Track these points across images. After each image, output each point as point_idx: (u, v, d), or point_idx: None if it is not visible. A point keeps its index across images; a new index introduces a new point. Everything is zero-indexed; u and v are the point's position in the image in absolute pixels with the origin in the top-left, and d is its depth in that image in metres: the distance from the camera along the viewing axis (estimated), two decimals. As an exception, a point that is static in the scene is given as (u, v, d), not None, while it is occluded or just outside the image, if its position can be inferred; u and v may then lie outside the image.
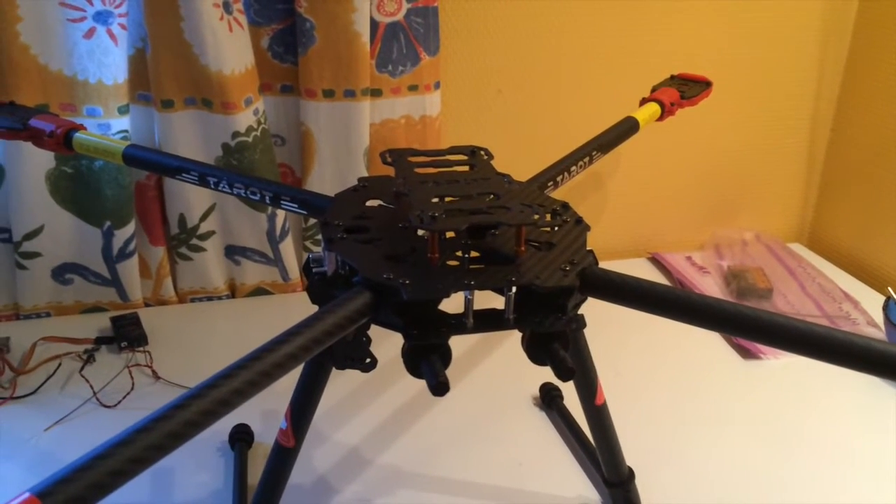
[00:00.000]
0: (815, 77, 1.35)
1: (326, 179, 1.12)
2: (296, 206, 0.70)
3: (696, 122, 1.27)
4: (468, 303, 0.54)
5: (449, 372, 0.53)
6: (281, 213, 1.13)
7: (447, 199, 0.60)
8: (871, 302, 1.16)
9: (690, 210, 1.40)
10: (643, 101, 0.98)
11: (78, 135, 0.80)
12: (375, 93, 1.10)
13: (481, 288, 0.54)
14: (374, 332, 0.63)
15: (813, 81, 1.35)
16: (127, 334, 1.02)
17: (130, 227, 1.07)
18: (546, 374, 0.94)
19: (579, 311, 0.62)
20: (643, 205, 1.38)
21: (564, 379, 0.55)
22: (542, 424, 0.91)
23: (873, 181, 1.32)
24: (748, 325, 0.51)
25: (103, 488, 0.37)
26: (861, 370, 0.48)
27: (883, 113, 1.28)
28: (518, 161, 0.82)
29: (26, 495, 0.35)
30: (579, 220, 0.64)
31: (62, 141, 0.80)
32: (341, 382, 0.95)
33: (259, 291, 1.20)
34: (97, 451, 0.38)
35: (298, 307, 0.50)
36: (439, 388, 0.51)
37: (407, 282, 0.53)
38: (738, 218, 1.42)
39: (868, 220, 1.34)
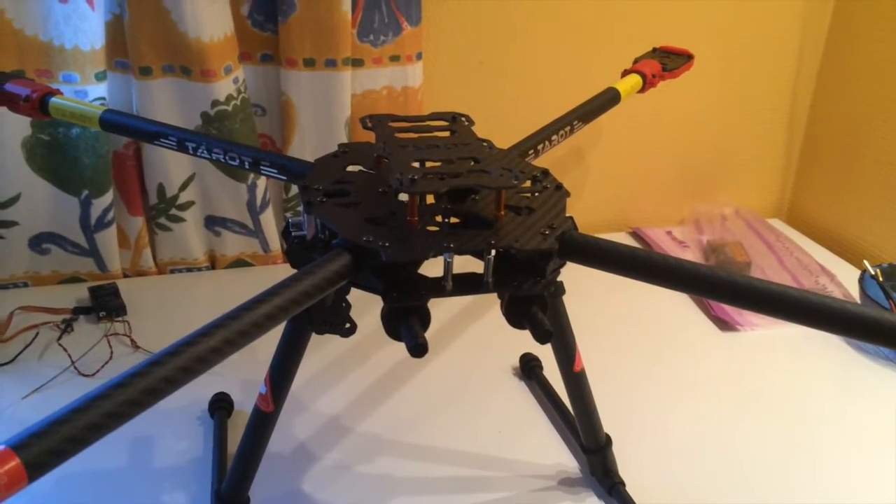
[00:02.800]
0: (795, 54, 1.36)
1: (307, 150, 1.11)
2: (275, 171, 0.69)
3: (677, 99, 1.28)
4: (447, 266, 0.54)
5: (429, 343, 0.53)
6: (261, 185, 1.13)
7: (427, 163, 0.60)
8: (848, 276, 1.17)
9: (671, 186, 1.41)
10: (625, 73, 0.98)
11: (54, 99, 0.79)
12: (357, 63, 1.09)
13: (460, 251, 0.54)
14: (355, 303, 0.63)
15: (793, 59, 1.36)
16: (105, 304, 1.02)
17: (108, 197, 1.05)
18: (526, 345, 0.95)
19: (559, 280, 0.63)
20: (624, 180, 1.38)
21: (542, 341, 0.55)
22: (521, 394, 0.92)
23: (851, 158, 1.33)
24: (724, 288, 0.51)
25: (80, 442, 0.37)
26: (835, 332, 0.49)
27: (861, 91, 1.29)
28: (500, 133, 0.82)
29: (1, 447, 0.35)
30: (559, 187, 0.64)
31: (38, 106, 0.79)
32: (321, 354, 0.96)
33: (239, 263, 1.19)
34: (74, 405, 0.38)
35: (278, 279, 0.49)
36: (418, 349, 0.51)
37: (386, 244, 0.53)
38: (718, 194, 1.43)
39: (846, 197, 1.35)
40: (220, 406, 0.85)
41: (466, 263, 0.56)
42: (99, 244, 1.08)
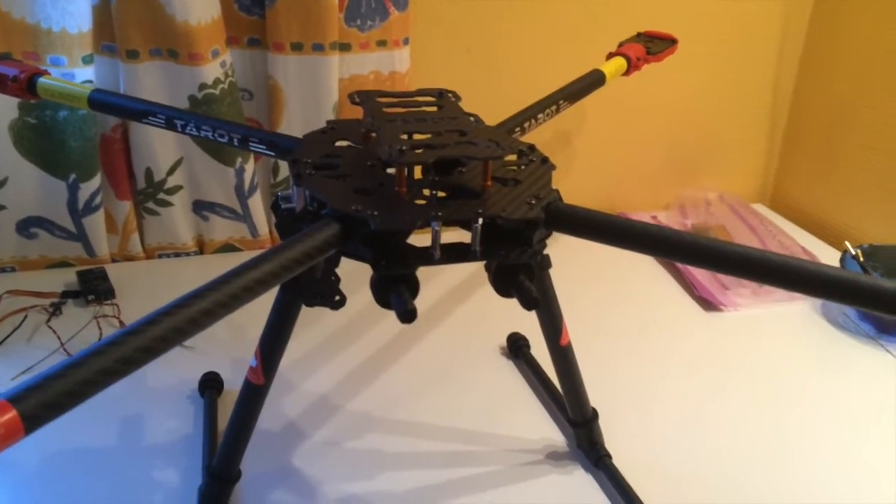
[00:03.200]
0: (778, 40, 1.37)
1: (295, 134, 1.11)
2: (264, 147, 0.70)
3: (661, 84, 1.29)
4: (435, 234, 0.55)
5: (417, 323, 0.54)
6: (249, 169, 1.13)
7: (415, 136, 0.60)
8: (829, 258, 1.19)
9: (656, 171, 1.42)
10: (610, 56, 0.99)
11: (42, 80, 0.79)
12: (344, 47, 1.10)
13: (448, 220, 0.55)
14: (344, 283, 0.64)
15: (776, 45, 1.38)
16: (94, 288, 1.02)
17: (96, 181, 1.05)
18: (513, 325, 0.96)
19: (545, 253, 0.64)
20: (609, 165, 1.39)
21: (529, 308, 0.56)
22: (509, 372, 0.93)
23: (833, 143, 1.35)
24: (707, 254, 0.53)
25: (75, 396, 0.37)
26: (814, 294, 0.51)
27: (843, 77, 1.31)
28: (487, 116, 0.83)
29: (-1, 400, 0.36)
30: (545, 160, 0.65)
31: (26, 86, 0.80)
32: (311, 333, 0.96)
33: (227, 248, 1.19)
34: (69, 360, 0.38)
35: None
36: (407, 314, 0.52)
37: (375, 213, 0.54)
38: (702, 179, 1.45)
39: (828, 181, 1.37)
40: (210, 385, 0.85)
41: (453, 235, 0.57)
42: (87, 228, 1.09)
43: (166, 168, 1.09)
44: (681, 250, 0.54)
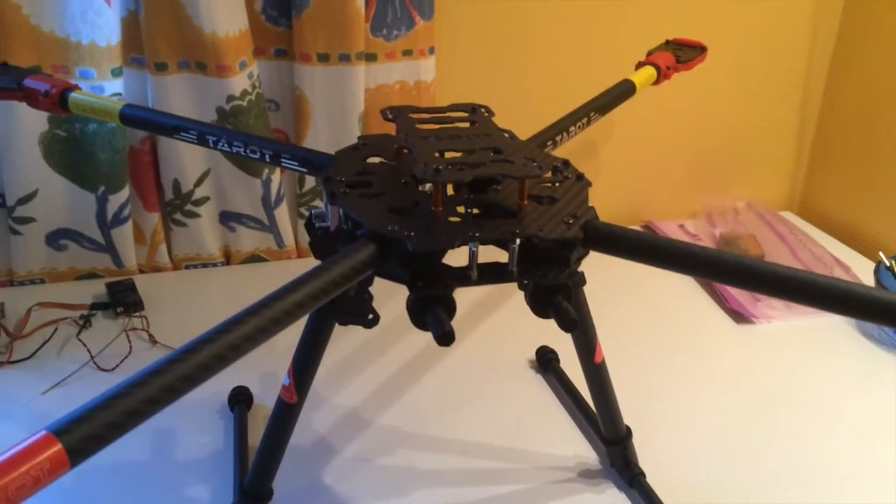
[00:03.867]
0: (807, 45, 1.35)
1: (321, 145, 1.11)
2: (296, 163, 0.69)
3: (688, 91, 1.27)
4: (472, 255, 0.54)
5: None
6: (276, 179, 1.13)
7: (449, 153, 0.60)
8: (862, 268, 1.17)
9: (683, 179, 1.41)
10: (639, 65, 0.98)
11: (74, 94, 0.79)
12: (370, 57, 1.09)
13: (485, 240, 0.55)
14: (374, 292, 0.63)
15: (805, 50, 1.36)
16: (123, 300, 1.02)
17: (125, 193, 1.06)
18: (542, 338, 0.95)
19: (579, 270, 0.63)
20: (636, 174, 1.38)
21: (568, 329, 0.55)
22: (539, 387, 0.92)
23: (864, 150, 1.32)
24: (751, 275, 0.51)
25: (119, 427, 0.37)
26: (863, 318, 0.49)
27: (874, 82, 1.29)
28: (514, 126, 0.82)
29: (43, 433, 0.35)
30: (580, 177, 0.64)
31: (58, 101, 0.80)
32: (340, 347, 0.96)
33: (254, 258, 1.20)
34: (112, 391, 0.38)
35: (293, 274, 0.49)
36: (445, 337, 0.52)
37: (412, 233, 0.53)
38: (730, 186, 1.43)
39: (858, 188, 1.35)
40: (240, 399, 0.85)
41: (488, 253, 0.56)
42: (115, 240, 1.09)
43: (194, 179, 1.10)
44: (721, 271, 0.53)
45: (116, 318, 1.00)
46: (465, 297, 1.08)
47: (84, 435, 0.36)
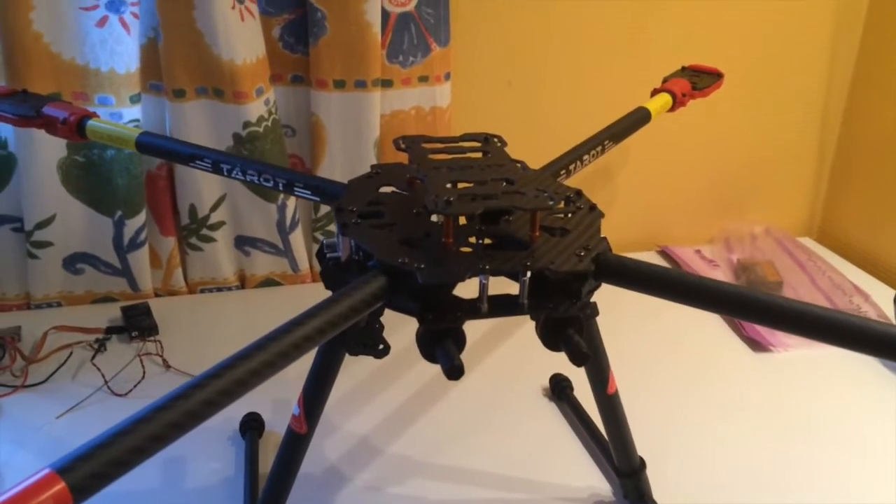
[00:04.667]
0: (827, 71, 1.35)
1: (337, 170, 1.12)
2: (309, 192, 0.70)
3: (706, 116, 1.27)
4: (483, 287, 0.54)
5: (461, 361, 0.52)
6: (291, 204, 1.13)
7: (461, 184, 0.60)
8: (882, 295, 1.15)
9: (700, 204, 1.40)
10: (654, 92, 0.97)
11: (91, 122, 0.80)
12: (386, 83, 1.10)
13: (496, 272, 0.54)
14: (385, 320, 0.63)
15: (824, 75, 1.35)
16: (138, 324, 1.02)
17: (141, 217, 1.07)
18: (555, 366, 0.94)
19: (591, 300, 0.62)
20: (653, 198, 1.37)
21: (579, 364, 0.55)
22: (552, 415, 0.91)
23: (883, 175, 1.31)
24: (766, 311, 0.51)
25: (123, 465, 0.37)
26: (880, 355, 0.48)
27: (894, 106, 1.27)
28: (529, 153, 0.81)
29: (46, 471, 0.35)
30: (593, 207, 0.64)
31: (75, 128, 0.80)
32: (350, 373, 0.96)
33: (268, 283, 1.20)
34: (116, 428, 0.38)
35: (308, 298, 0.49)
36: (454, 371, 0.51)
37: (422, 266, 0.53)
38: (747, 212, 1.42)
39: (878, 215, 1.33)
40: (251, 426, 0.85)
41: (499, 283, 0.56)
42: (131, 264, 1.10)
43: (210, 204, 1.10)
44: (735, 306, 0.52)
45: (131, 342, 1.01)
46: (478, 322, 1.07)
47: (88, 473, 0.36)
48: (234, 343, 0.45)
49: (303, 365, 0.63)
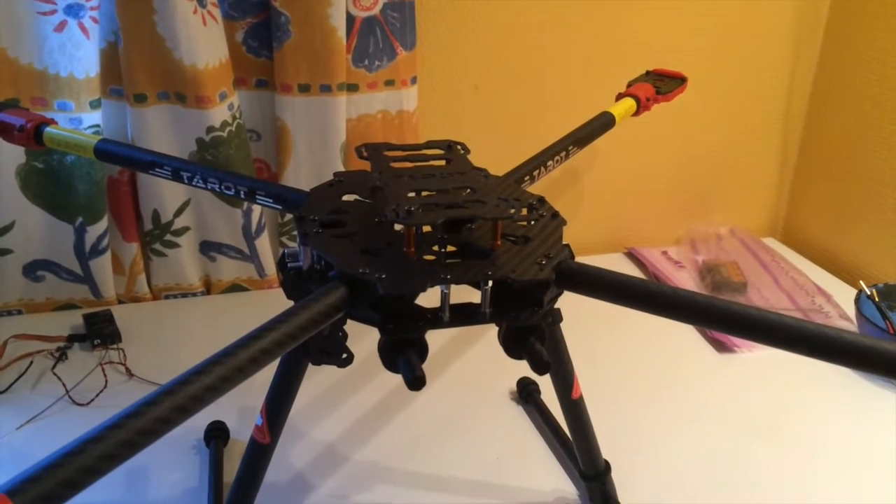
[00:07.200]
0: (788, 74, 1.37)
1: (302, 175, 1.11)
2: (271, 200, 0.69)
3: (671, 119, 1.28)
4: (444, 297, 0.54)
5: (426, 368, 0.52)
6: (257, 209, 1.13)
7: (423, 193, 0.60)
8: (844, 295, 1.17)
9: (666, 206, 1.41)
10: (619, 97, 0.98)
11: (49, 129, 0.79)
12: (352, 88, 1.09)
13: (457, 282, 0.54)
14: (351, 327, 0.63)
15: (786, 79, 1.37)
16: (100, 332, 1.01)
17: (103, 223, 1.05)
18: (524, 369, 0.94)
19: (556, 306, 0.62)
20: (619, 200, 1.38)
21: (540, 372, 0.55)
22: (519, 419, 0.91)
23: (845, 177, 1.33)
24: (721, 317, 0.51)
25: (74, 485, 0.36)
26: (832, 361, 0.49)
27: (854, 110, 1.30)
28: (495, 157, 0.82)
29: (-5, 494, 0.34)
30: (555, 215, 0.64)
31: (32, 136, 0.79)
32: (317, 379, 0.95)
33: (235, 288, 1.19)
34: (67, 448, 0.37)
35: (275, 303, 0.49)
36: (416, 382, 0.51)
37: (383, 276, 0.53)
38: (712, 213, 1.44)
39: (840, 216, 1.35)
40: (216, 435, 0.84)
41: (462, 290, 0.56)
42: (94, 271, 1.08)
43: (174, 210, 1.09)
44: (694, 313, 0.53)
45: (93, 350, 0.99)
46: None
47: (38, 495, 0.35)
48: (199, 350, 0.44)
49: (269, 372, 0.63)
